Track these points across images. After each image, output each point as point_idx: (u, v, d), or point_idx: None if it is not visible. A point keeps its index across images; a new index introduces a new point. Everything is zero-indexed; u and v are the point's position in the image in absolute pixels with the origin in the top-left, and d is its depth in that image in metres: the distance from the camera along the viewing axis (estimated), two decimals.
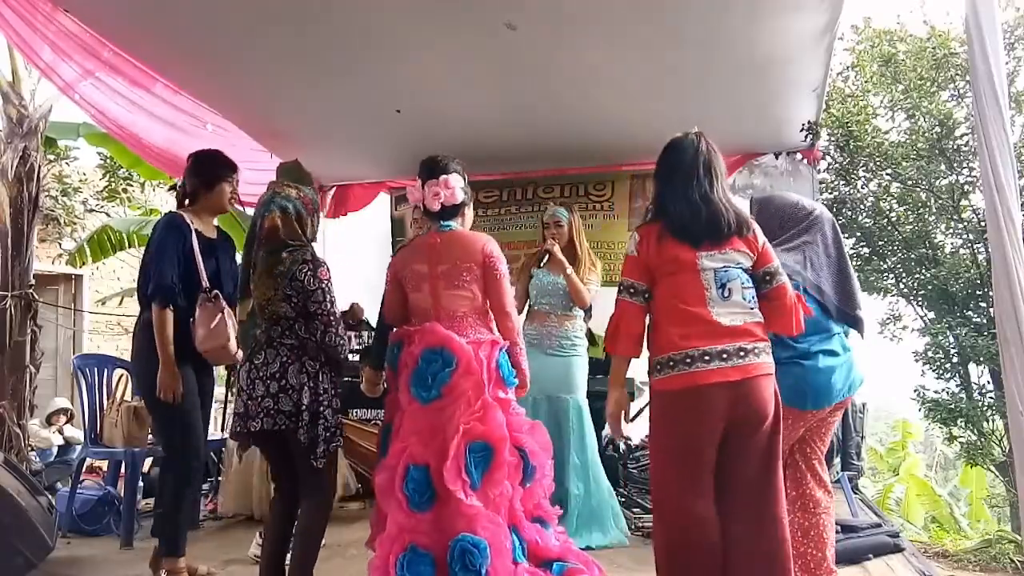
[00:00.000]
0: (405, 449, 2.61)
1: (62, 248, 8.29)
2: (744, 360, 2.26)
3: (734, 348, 2.26)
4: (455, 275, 2.77)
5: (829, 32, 3.79)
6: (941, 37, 5.86)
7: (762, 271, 2.39)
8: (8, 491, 3.11)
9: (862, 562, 3.39)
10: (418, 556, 2.51)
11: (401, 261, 2.92)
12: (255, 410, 2.66)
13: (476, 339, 2.71)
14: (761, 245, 2.40)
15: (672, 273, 2.35)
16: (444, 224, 2.87)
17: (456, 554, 2.49)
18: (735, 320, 2.30)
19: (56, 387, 8.02)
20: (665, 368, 2.31)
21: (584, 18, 3.61)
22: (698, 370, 2.25)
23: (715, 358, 2.25)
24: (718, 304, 2.30)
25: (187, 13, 3.59)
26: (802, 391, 2.57)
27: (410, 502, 2.54)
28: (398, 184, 6.30)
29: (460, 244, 2.82)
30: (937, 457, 11.61)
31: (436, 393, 2.60)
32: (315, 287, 2.69)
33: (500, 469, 2.59)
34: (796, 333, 2.44)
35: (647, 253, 2.39)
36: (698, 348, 2.26)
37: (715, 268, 2.33)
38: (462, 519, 2.53)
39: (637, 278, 2.40)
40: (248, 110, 4.88)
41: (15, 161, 5.25)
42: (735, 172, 5.74)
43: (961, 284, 5.48)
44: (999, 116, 2.83)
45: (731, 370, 2.24)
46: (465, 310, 2.77)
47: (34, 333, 5.34)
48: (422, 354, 2.64)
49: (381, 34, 3.80)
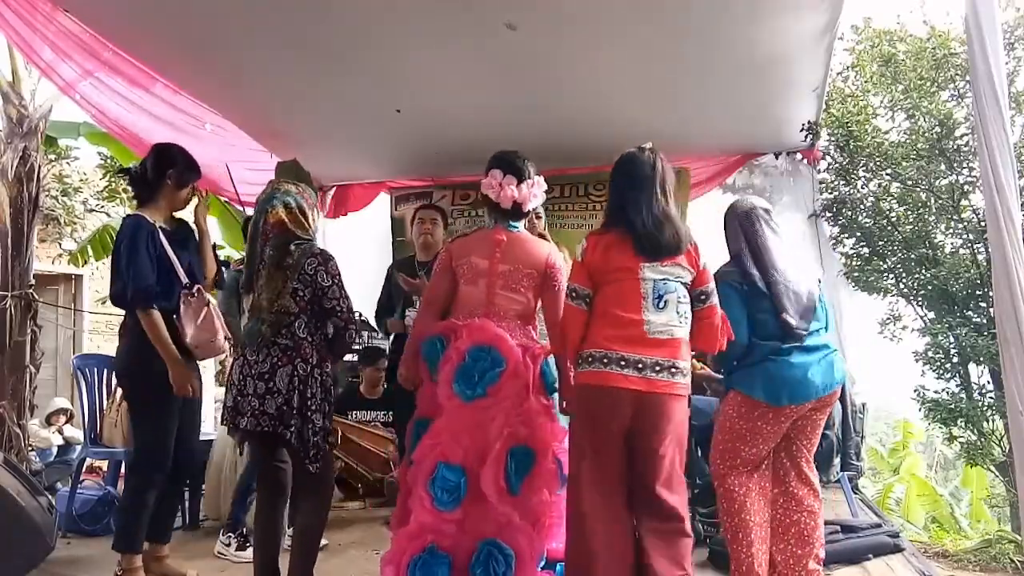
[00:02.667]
0: (436, 446, 2.56)
1: (62, 248, 8.29)
2: (656, 375, 2.39)
3: (651, 361, 2.39)
4: (515, 278, 2.73)
5: (829, 32, 3.80)
6: (941, 37, 5.85)
7: (698, 290, 2.53)
8: (8, 491, 3.10)
9: (862, 562, 3.39)
10: (436, 558, 2.47)
11: (460, 250, 2.83)
12: (244, 407, 2.65)
13: (523, 342, 2.68)
14: (702, 265, 2.53)
15: (614, 281, 2.47)
16: (513, 224, 2.83)
17: (481, 558, 2.48)
18: (663, 333, 2.42)
19: (56, 387, 8.03)
20: (584, 363, 2.45)
21: (584, 18, 3.61)
22: (610, 371, 2.39)
23: (630, 365, 2.38)
24: (652, 312, 2.43)
25: (187, 13, 3.59)
26: (776, 387, 2.63)
27: (436, 500, 2.49)
28: (398, 184, 6.31)
29: (526, 248, 2.79)
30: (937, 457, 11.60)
31: (481, 392, 2.54)
32: (329, 283, 2.67)
33: (541, 476, 2.58)
34: (716, 352, 2.60)
35: (592, 260, 2.51)
36: (618, 352, 2.39)
37: (655, 279, 2.45)
38: (491, 524, 2.50)
39: (581, 283, 2.52)
40: (248, 110, 4.88)
41: (15, 161, 5.25)
42: (735, 172, 5.76)
43: (961, 284, 5.48)
44: (999, 116, 2.83)
45: (639, 380, 2.37)
46: (515, 313, 2.73)
47: (34, 333, 5.34)
48: (470, 350, 2.58)
49: (381, 34, 3.81)
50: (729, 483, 2.70)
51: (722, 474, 2.72)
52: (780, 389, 2.63)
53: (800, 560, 2.70)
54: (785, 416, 2.67)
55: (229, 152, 5.36)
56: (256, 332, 2.68)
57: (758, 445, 2.69)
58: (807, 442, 2.80)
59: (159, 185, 3.10)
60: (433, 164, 5.80)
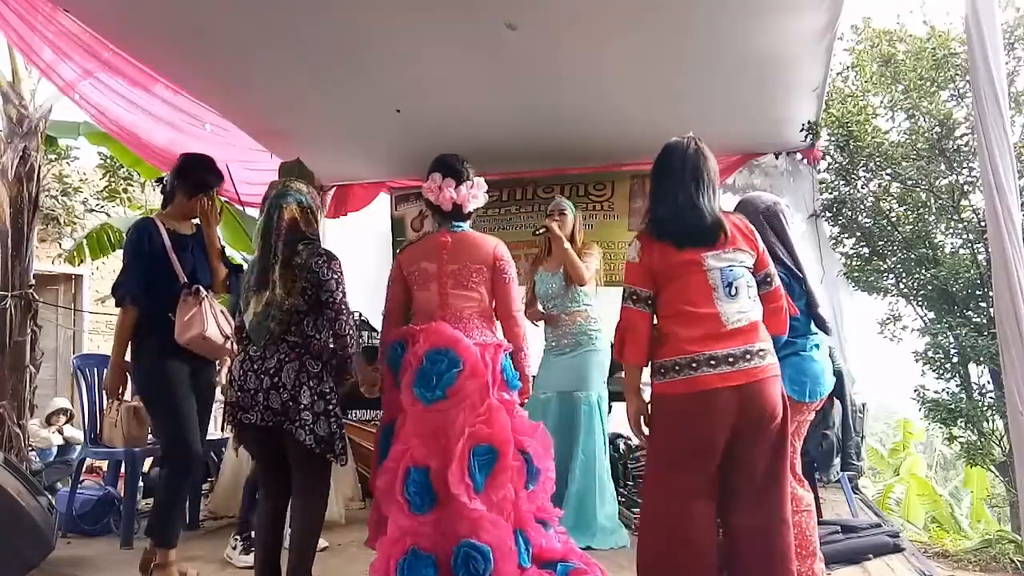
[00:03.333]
0: (407, 451, 2.60)
1: (62, 248, 8.28)
2: (749, 363, 2.26)
3: (740, 352, 2.26)
4: (464, 276, 2.77)
5: (829, 32, 3.80)
6: (941, 37, 5.85)
7: (763, 273, 2.43)
8: (8, 491, 3.11)
9: (862, 562, 3.40)
10: (419, 559, 2.51)
11: (408, 258, 2.90)
12: (248, 402, 2.65)
13: (482, 341, 2.71)
14: (762, 248, 2.44)
15: (678, 276, 2.35)
16: (456, 224, 2.87)
17: (460, 560, 2.49)
18: (741, 321, 2.30)
19: (56, 387, 8.02)
20: (671, 372, 2.29)
21: (584, 18, 3.61)
22: (704, 374, 2.24)
23: (721, 362, 2.25)
24: (725, 302, 2.31)
25: (187, 13, 3.59)
26: (802, 381, 2.62)
27: (411, 505, 2.53)
28: (398, 184, 6.31)
29: (471, 245, 2.82)
30: (937, 457, 11.61)
31: (440, 394, 2.58)
32: (328, 277, 2.69)
33: (504, 472, 2.59)
34: (784, 334, 2.49)
35: (650, 259, 2.38)
36: (704, 352, 2.25)
37: (721, 267, 2.33)
38: (465, 522, 2.52)
39: (641, 284, 2.39)
40: (248, 110, 4.88)
41: (15, 161, 5.25)
42: (735, 172, 5.76)
43: (961, 284, 5.48)
44: (999, 116, 2.84)
45: (737, 374, 2.24)
46: (472, 311, 2.76)
47: (34, 333, 5.34)
48: (427, 354, 2.62)
49: (381, 34, 3.81)
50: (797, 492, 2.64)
51: None
52: (804, 385, 2.63)
53: (805, 560, 2.69)
54: (801, 414, 2.66)
55: (229, 152, 5.35)
56: (265, 328, 2.67)
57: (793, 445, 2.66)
58: (798, 441, 2.80)
59: (171, 191, 3.26)
60: None
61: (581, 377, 3.84)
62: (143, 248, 3.11)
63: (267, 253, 2.73)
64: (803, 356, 2.66)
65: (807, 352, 2.68)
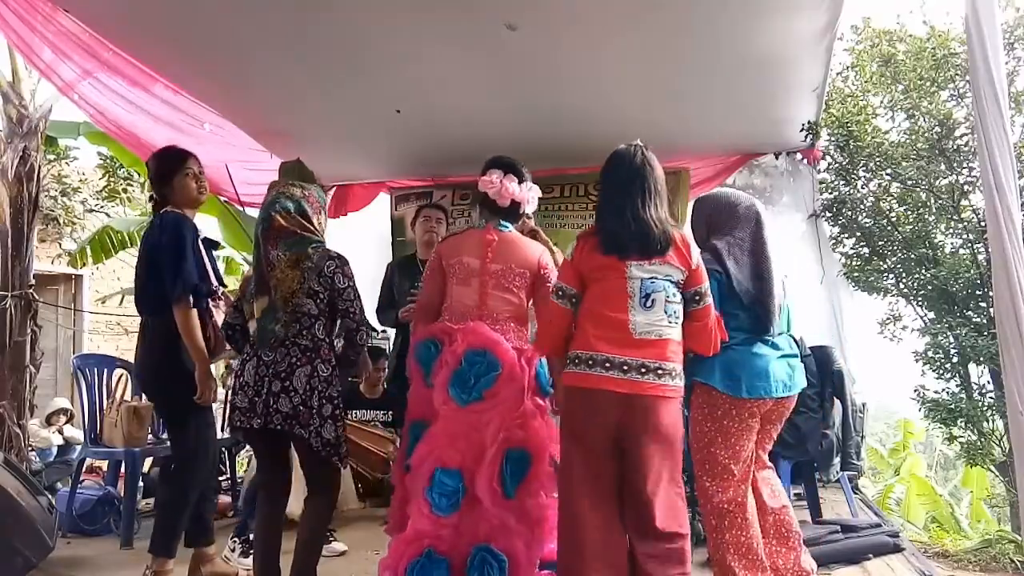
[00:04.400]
0: (432, 451, 2.57)
1: (62, 248, 8.28)
2: (642, 377, 2.32)
3: (636, 363, 2.33)
4: (507, 277, 2.74)
5: (829, 32, 3.80)
6: (941, 37, 5.85)
7: (692, 291, 2.48)
8: (8, 491, 3.11)
9: (862, 562, 3.39)
10: (433, 562, 2.48)
11: (450, 249, 2.84)
12: (260, 407, 2.64)
13: (518, 345, 2.68)
14: (695, 264, 2.47)
15: (600, 279, 2.43)
16: (504, 224, 2.84)
17: (475, 563, 2.48)
18: (650, 333, 2.36)
19: (56, 387, 8.02)
20: (571, 364, 2.41)
21: (584, 18, 3.61)
22: (594, 373, 2.34)
23: (615, 367, 2.33)
24: (639, 312, 2.37)
25: (187, 13, 3.59)
26: (735, 375, 2.60)
27: (434, 506, 2.50)
28: (398, 184, 6.31)
29: (517, 248, 2.80)
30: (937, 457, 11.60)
31: (477, 396, 2.55)
32: (345, 285, 2.69)
33: (538, 479, 2.58)
34: (710, 353, 2.53)
35: (580, 259, 2.47)
36: (602, 353, 2.34)
37: (642, 277, 2.40)
38: (486, 526, 2.51)
39: (568, 282, 2.49)
40: (248, 110, 4.88)
41: (15, 161, 5.25)
42: (735, 172, 5.76)
43: (961, 284, 5.47)
44: (999, 116, 2.84)
45: (623, 382, 2.32)
46: (509, 314, 2.73)
47: (34, 333, 5.34)
48: (465, 355, 2.58)
49: (381, 34, 3.81)
50: (715, 499, 2.62)
51: (704, 487, 2.66)
52: (739, 379, 2.59)
53: (787, 556, 2.69)
54: (748, 412, 2.63)
55: (229, 152, 5.35)
56: (270, 332, 2.67)
57: (732, 448, 2.63)
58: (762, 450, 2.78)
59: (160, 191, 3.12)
60: (433, 164, 5.80)
61: None
62: (190, 243, 2.95)
63: (259, 261, 2.74)
64: (737, 350, 2.62)
65: (743, 347, 2.63)
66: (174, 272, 2.90)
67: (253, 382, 2.66)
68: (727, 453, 2.63)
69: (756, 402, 2.63)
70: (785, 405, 2.74)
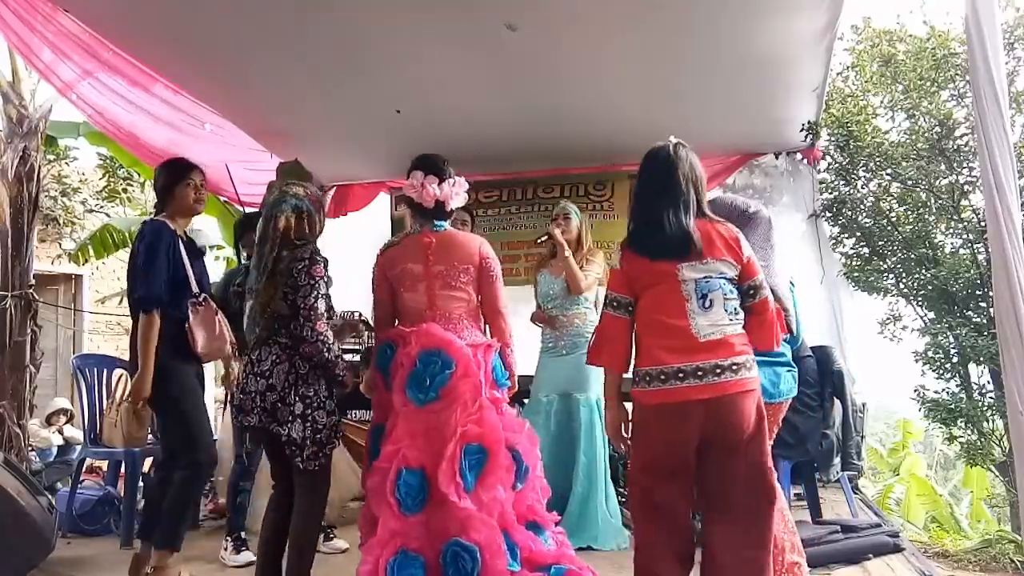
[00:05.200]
0: (398, 451, 2.59)
1: (62, 248, 8.28)
2: (718, 378, 2.24)
3: (709, 366, 2.24)
4: (452, 276, 2.76)
5: (829, 32, 3.80)
6: (941, 37, 5.86)
7: (747, 284, 2.37)
8: (8, 491, 3.11)
9: (862, 562, 3.39)
10: (409, 559, 2.50)
11: (390, 260, 2.87)
12: (249, 405, 2.67)
13: (472, 341, 2.71)
14: (746, 258, 2.38)
15: (653, 285, 2.34)
16: (438, 224, 2.86)
17: (448, 558, 2.49)
18: (714, 334, 2.27)
19: (56, 387, 8.02)
20: (642, 382, 2.30)
21: (584, 18, 3.61)
22: (672, 387, 2.24)
23: (690, 376, 2.23)
24: (699, 315, 2.28)
25: (187, 13, 3.59)
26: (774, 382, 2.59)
27: (402, 505, 2.52)
28: (398, 184, 6.29)
29: (456, 245, 2.82)
30: (937, 457, 11.60)
31: (433, 395, 2.58)
32: (304, 282, 2.67)
33: (495, 472, 2.59)
34: (775, 348, 2.44)
35: (630, 267, 2.39)
36: (673, 365, 2.25)
37: (696, 278, 2.30)
38: (454, 522, 2.52)
39: (620, 291, 2.39)
40: (248, 110, 4.88)
41: (15, 161, 5.25)
42: (735, 172, 5.76)
43: (961, 284, 5.48)
44: (999, 116, 2.84)
45: (704, 387, 2.23)
46: (460, 312, 2.76)
47: (34, 333, 5.34)
48: (419, 355, 2.62)
49: (381, 34, 3.81)
50: None
51: None
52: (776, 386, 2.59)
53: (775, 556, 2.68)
54: None
55: (229, 152, 5.35)
56: (252, 333, 2.73)
57: None
58: None
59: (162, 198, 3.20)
60: None
61: (580, 378, 3.84)
62: (163, 252, 3.04)
63: (259, 262, 2.74)
64: None
65: None
66: (140, 280, 3.01)
67: (245, 381, 2.71)
68: None
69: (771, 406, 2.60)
70: (775, 410, 2.67)
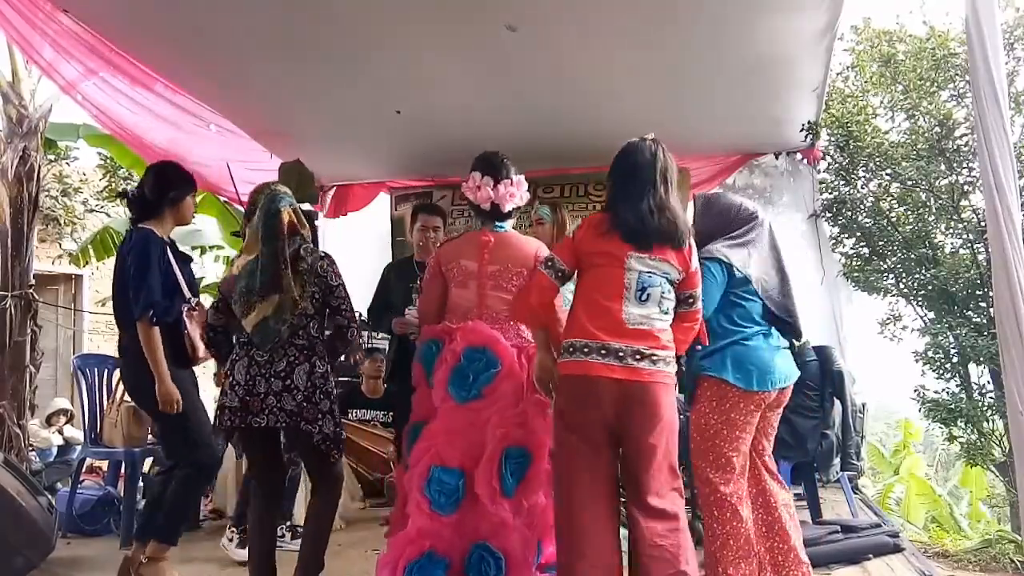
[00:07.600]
0: (430, 448, 2.56)
1: (62, 248, 8.29)
2: (637, 364, 2.33)
3: (630, 350, 2.33)
4: (505, 277, 2.74)
5: (829, 32, 3.80)
6: (941, 37, 5.85)
7: (687, 293, 2.49)
8: (8, 491, 3.11)
9: (862, 562, 3.40)
10: (433, 563, 2.47)
11: (448, 254, 2.85)
12: (257, 407, 2.64)
13: (518, 342, 2.68)
14: (693, 268, 2.47)
15: (599, 265, 2.42)
16: (499, 225, 2.84)
17: (473, 560, 2.48)
18: (643, 323, 2.37)
19: (56, 387, 8.02)
20: (566, 352, 2.40)
21: (584, 19, 3.62)
22: (591, 361, 2.33)
23: (610, 354, 2.33)
24: (632, 304, 2.37)
25: (187, 13, 3.59)
26: (747, 369, 2.62)
27: (433, 503, 2.49)
28: (398, 184, 6.31)
29: (513, 247, 2.79)
30: (937, 457, 11.60)
31: (476, 393, 2.56)
32: (337, 283, 2.72)
33: (538, 477, 2.56)
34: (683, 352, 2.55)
35: (582, 240, 2.47)
36: (597, 340, 2.33)
37: (640, 270, 2.39)
38: (487, 525, 2.50)
39: (563, 259, 2.48)
40: (248, 110, 4.88)
41: (15, 161, 5.25)
42: (735, 172, 5.76)
43: (961, 284, 5.48)
44: (999, 116, 2.84)
45: (621, 368, 2.32)
46: (508, 313, 2.72)
47: (34, 333, 5.34)
48: (464, 352, 2.59)
49: (381, 35, 3.81)
50: (721, 490, 2.61)
51: (708, 479, 2.65)
52: (751, 373, 2.61)
53: (788, 555, 2.69)
54: (755, 404, 2.65)
55: (230, 152, 5.35)
56: (274, 332, 2.64)
57: (736, 440, 2.64)
58: (767, 440, 2.80)
59: (160, 204, 3.15)
60: (433, 164, 5.80)
61: None
62: (155, 261, 3.03)
63: (275, 258, 2.67)
64: (747, 346, 2.65)
65: (751, 342, 2.66)
66: (137, 290, 2.98)
67: (244, 381, 2.66)
68: (730, 445, 2.64)
69: (763, 394, 2.66)
70: (784, 395, 2.77)
